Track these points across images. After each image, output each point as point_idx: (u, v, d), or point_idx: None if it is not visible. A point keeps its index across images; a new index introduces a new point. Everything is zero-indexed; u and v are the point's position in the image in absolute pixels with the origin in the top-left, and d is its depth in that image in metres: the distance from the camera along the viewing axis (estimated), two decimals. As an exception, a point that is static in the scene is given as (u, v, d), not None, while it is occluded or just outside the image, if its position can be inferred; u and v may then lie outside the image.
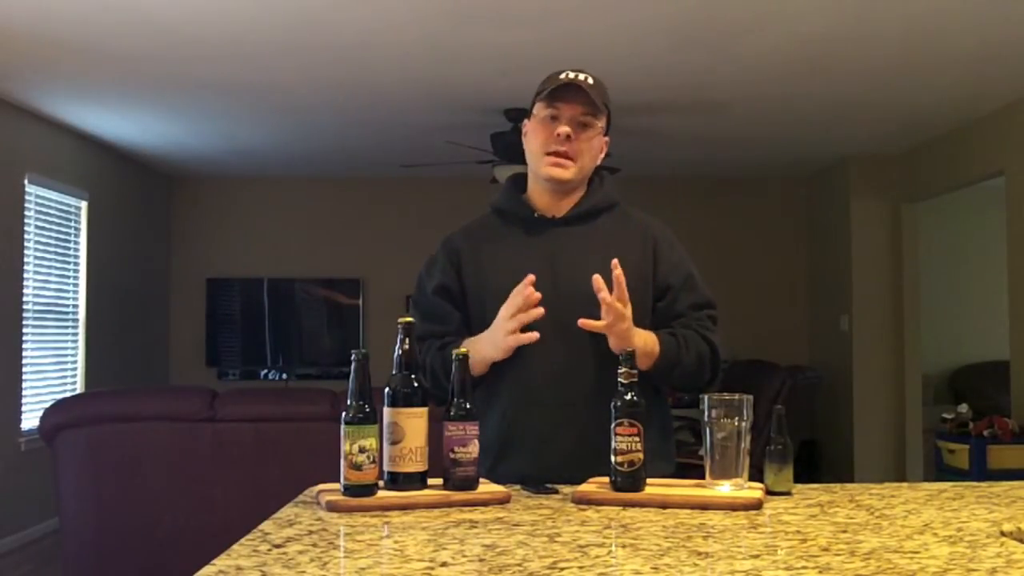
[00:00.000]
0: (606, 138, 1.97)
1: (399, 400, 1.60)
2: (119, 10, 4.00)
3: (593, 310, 1.80)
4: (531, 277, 1.81)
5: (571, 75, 1.88)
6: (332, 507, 1.51)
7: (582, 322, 1.77)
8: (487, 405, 1.87)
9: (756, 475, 1.64)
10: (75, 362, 6.38)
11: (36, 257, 5.84)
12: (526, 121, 1.98)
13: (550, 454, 1.84)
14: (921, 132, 6.27)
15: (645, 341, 1.81)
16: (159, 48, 4.50)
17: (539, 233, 1.93)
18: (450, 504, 1.55)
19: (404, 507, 1.52)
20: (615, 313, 1.75)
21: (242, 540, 1.30)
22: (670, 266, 1.94)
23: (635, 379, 1.62)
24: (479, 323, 1.90)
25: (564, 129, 1.87)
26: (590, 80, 1.89)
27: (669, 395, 2.08)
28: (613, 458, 1.60)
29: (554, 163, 1.89)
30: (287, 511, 1.52)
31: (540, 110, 1.91)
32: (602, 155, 1.98)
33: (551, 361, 1.85)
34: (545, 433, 1.85)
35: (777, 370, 6.17)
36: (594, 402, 1.74)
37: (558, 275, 1.88)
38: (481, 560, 1.20)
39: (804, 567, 1.17)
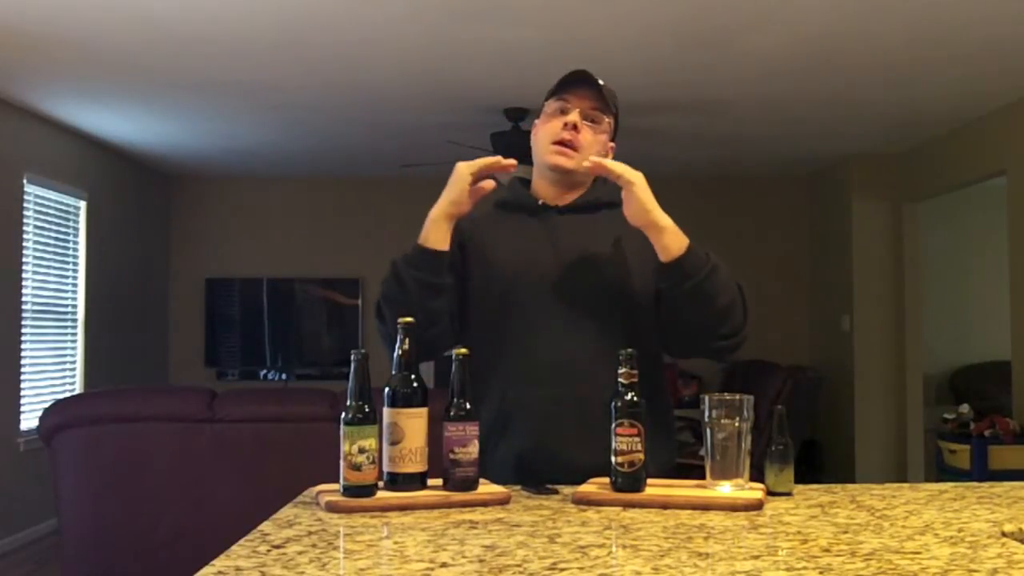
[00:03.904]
0: (612, 144, 1.99)
1: (399, 400, 1.59)
2: (119, 10, 3.99)
3: (598, 293, 1.86)
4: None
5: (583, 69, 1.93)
6: (331, 508, 1.51)
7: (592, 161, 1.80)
8: (486, 384, 1.86)
9: (757, 475, 1.63)
10: (74, 362, 6.38)
11: (35, 257, 5.84)
12: (535, 122, 2.00)
13: (550, 434, 1.84)
14: (922, 131, 6.26)
15: (673, 224, 1.79)
16: (159, 48, 4.50)
17: (543, 220, 1.95)
18: (450, 504, 1.54)
19: (404, 508, 1.52)
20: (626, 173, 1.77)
21: (241, 541, 1.30)
22: None
23: (635, 379, 1.62)
24: (478, 302, 1.91)
25: (573, 116, 1.89)
26: (601, 81, 1.93)
27: (672, 393, 2.08)
28: (613, 458, 1.60)
29: (558, 151, 1.90)
30: (286, 512, 1.51)
31: (550, 104, 1.94)
32: (607, 158, 1.99)
33: (553, 342, 1.85)
34: (545, 413, 1.84)
35: (778, 370, 6.17)
36: (596, 384, 1.74)
37: (562, 258, 1.89)
38: (481, 561, 1.20)
39: (805, 568, 1.16)
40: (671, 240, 1.78)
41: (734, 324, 1.83)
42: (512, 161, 1.84)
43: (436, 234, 1.84)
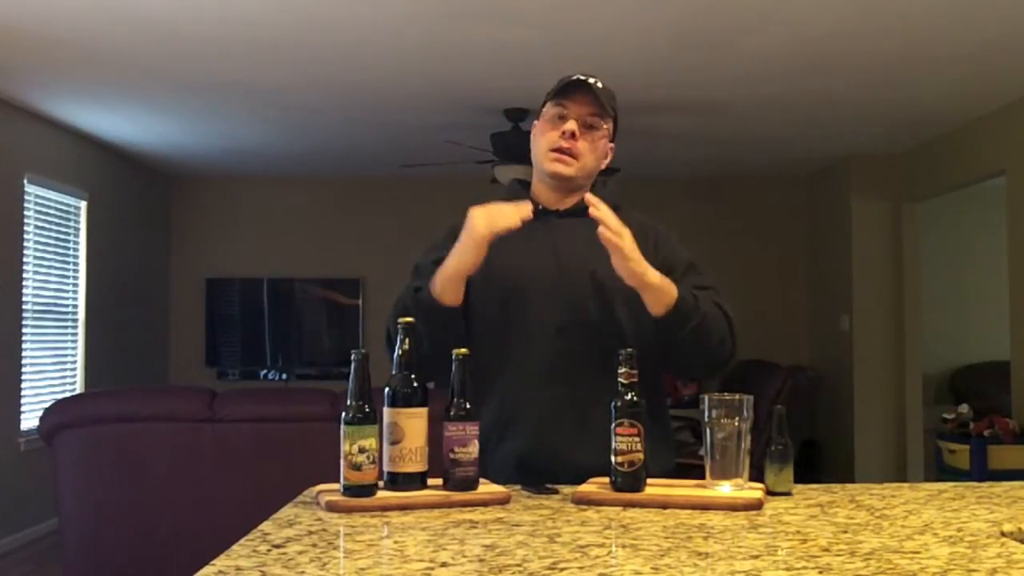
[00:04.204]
0: (611, 144, 2.00)
1: (399, 400, 1.59)
2: (119, 10, 4.00)
3: (597, 295, 1.87)
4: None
5: (581, 76, 1.92)
6: (332, 507, 1.51)
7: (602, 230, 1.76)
8: (487, 385, 1.87)
9: (756, 475, 1.63)
10: (75, 362, 6.38)
11: (36, 257, 5.84)
12: (535, 123, 2.01)
13: (550, 434, 1.85)
14: (922, 131, 6.26)
15: (662, 279, 1.81)
16: (159, 48, 4.50)
17: (543, 223, 1.95)
18: (450, 504, 1.54)
19: (404, 507, 1.52)
20: (614, 238, 1.75)
21: (242, 540, 1.30)
22: (671, 253, 1.95)
23: (635, 379, 1.62)
24: (479, 305, 1.91)
25: (570, 125, 1.90)
26: (599, 84, 1.93)
27: (671, 393, 2.08)
28: (613, 458, 1.60)
29: (557, 159, 1.92)
30: (287, 511, 1.52)
31: (548, 110, 1.95)
32: (607, 160, 2.01)
33: (554, 343, 1.87)
34: (545, 413, 1.86)
35: (777, 370, 6.17)
36: (596, 386, 1.75)
37: (561, 262, 1.91)
38: (481, 560, 1.20)
39: (804, 567, 1.17)
40: (663, 294, 1.80)
41: (724, 356, 1.92)
42: (529, 210, 1.83)
43: (452, 291, 1.83)
